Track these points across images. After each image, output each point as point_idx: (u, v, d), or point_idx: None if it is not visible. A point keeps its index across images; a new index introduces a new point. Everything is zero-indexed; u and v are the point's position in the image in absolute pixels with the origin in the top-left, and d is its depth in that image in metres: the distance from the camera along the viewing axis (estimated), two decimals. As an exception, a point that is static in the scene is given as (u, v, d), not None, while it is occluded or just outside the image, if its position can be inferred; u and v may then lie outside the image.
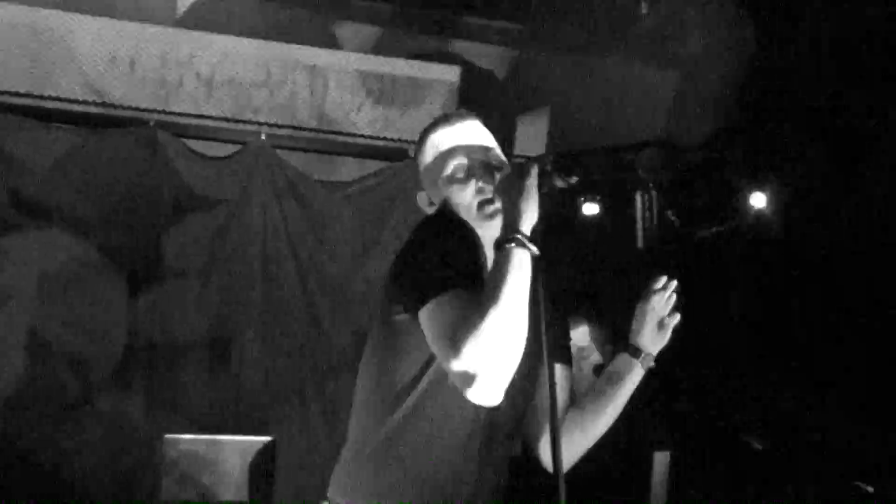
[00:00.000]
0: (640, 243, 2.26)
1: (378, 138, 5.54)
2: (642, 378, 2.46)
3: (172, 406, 4.90)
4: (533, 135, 5.95)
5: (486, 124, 2.49)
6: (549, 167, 2.16)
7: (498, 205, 2.28)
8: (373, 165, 5.63)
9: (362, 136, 5.52)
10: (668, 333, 2.44)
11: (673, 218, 2.18)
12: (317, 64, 5.34)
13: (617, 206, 5.77)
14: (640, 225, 2.25)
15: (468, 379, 2.00)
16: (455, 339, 2.01)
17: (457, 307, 2.06)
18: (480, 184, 2.34)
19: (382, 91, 5.45)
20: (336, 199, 5.49)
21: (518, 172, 2.17)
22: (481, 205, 2.33)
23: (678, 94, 6.04)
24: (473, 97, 5.62)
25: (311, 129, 5.44)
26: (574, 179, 2.19)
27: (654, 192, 2.26)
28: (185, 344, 5.05)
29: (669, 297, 2.44)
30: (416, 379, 2.21)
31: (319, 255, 5.39)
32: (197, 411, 4.93)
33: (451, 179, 2.36)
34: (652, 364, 2.45)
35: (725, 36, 5.58)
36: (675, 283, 2.45)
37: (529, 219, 2.11)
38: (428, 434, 2.21)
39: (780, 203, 5.32)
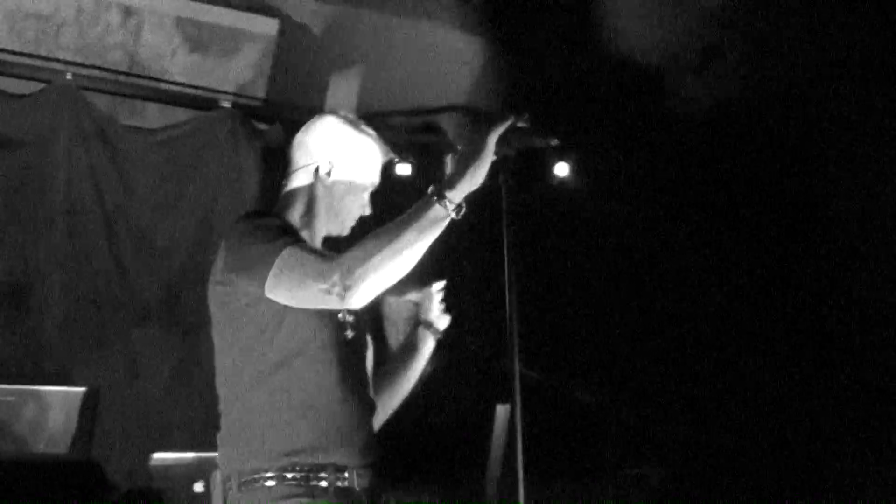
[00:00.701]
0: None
1: (190, 86, 5.42)
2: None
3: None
4: (344, 92, 5.98)
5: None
6: (527, 125, 2.17)
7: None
8: (183, 114, 5.51)
9: (174, 82, 5.40)
10: (448, 318, 2.68)
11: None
12: (132, 5, 5.15)
13: (425, 168, 5.93)
14: None
15: (336, 283, 2.13)
16: (321, 263, 2.17)
17: (303, 251, 2.22)
18: (368, 209, 2.53)
19: (199, 38, 5.33)
20: (144, 145, 5.34)
21: (480, 129, 2.17)
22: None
23: (486, 60, 6.21)
24: (290, 51, 5.60)
25: (121, 72, 5.26)
26: (555, 141, 2.21)
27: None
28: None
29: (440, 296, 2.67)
30: (289, 331, 2.30)
31: (125, 202, 5.24)
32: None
33: (356, 193, 2.50)
34: (440, 336, 2.67)
35: (535, 9, 5.79)
36: (442, 284, 2.66)
37: (470, 181, 2.15)
38: (312, 383, 2.31)
39: (585, 173, 5.62)
